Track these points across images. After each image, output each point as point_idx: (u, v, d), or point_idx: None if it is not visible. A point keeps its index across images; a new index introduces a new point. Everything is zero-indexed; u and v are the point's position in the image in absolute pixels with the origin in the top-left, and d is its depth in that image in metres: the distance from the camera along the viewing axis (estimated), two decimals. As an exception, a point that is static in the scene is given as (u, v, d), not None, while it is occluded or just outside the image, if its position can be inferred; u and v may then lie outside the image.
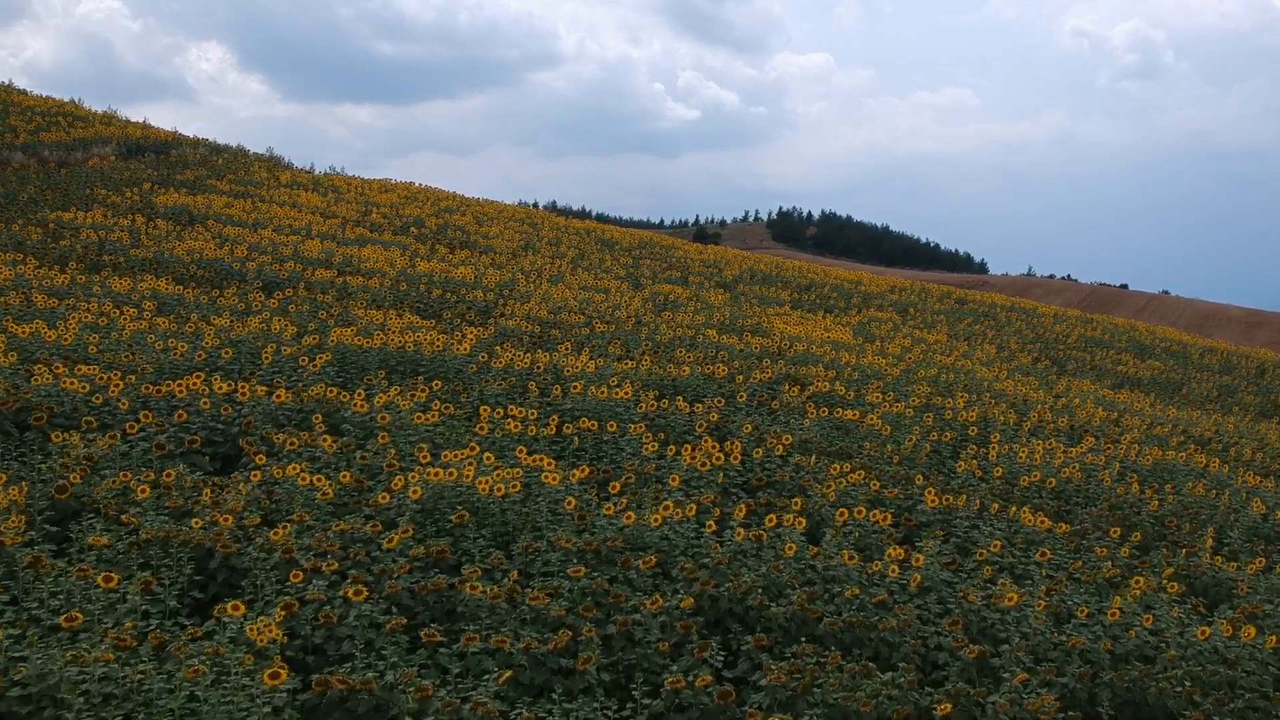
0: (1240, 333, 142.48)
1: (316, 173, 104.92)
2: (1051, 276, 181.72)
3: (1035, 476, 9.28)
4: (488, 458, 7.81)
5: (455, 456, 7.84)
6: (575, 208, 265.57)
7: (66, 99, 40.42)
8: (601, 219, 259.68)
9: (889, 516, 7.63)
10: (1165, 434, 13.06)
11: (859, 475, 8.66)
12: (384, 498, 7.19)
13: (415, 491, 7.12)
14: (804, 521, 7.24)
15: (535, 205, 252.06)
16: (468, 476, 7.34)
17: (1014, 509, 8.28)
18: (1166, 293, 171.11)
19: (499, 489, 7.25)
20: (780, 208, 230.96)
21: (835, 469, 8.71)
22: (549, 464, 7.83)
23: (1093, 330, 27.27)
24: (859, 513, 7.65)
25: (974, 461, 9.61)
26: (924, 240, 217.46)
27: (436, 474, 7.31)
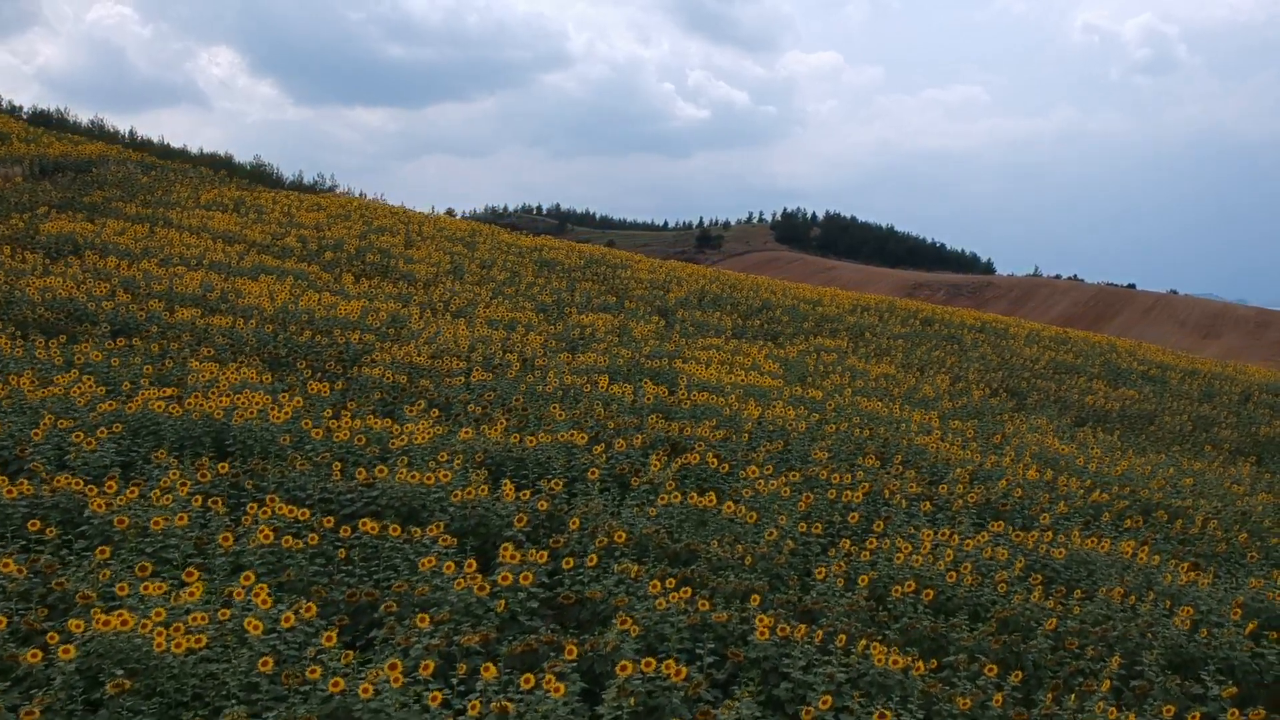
0: (1249, 333, 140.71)
1: (305, 181, 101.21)
2: (1058, 276, 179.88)
3: (910, 586, 7.65)
4: (192, 591, 6.24)
5: (156, 589, 6.27)
6: (579, 210, 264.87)
7: (53, 108, 38.76)
8: (605, 222, 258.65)
9: (684, 671, 6.01)
10: (1107, 500, 11.41)
11: (684, 593, 7.05)
12: (34, 655, 5.64)
13: (67, 650, 5.55)
14: (562, 688, 5.64)
15: (539, 209, 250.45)
16: (148, 625, 5.79)
17: (864, 642, 6.65)
18: (1174, 292, 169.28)
19: (178, 643, 5.68)
20: (785, 208, 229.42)
21: (655, 585, 7.11)
22: (263, 600, 6.24)
23: (1066, 354, 25.46)
24: (647, 665, 6.04)
25: (842, 564, 7.99)
26: (930, 240, 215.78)
27: (107, 621, 5.75)
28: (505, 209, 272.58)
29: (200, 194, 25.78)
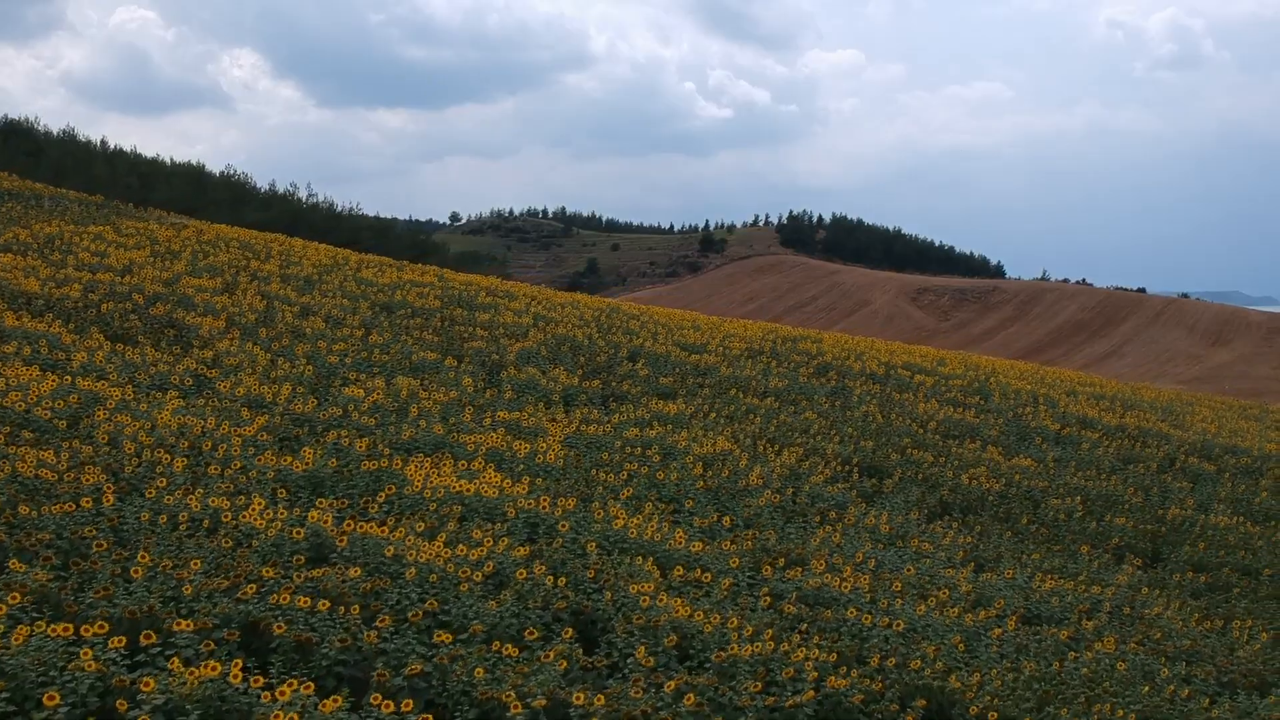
0: (1261, 339, 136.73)
1: (279, 190, 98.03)
2: (1066, 280, 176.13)
3: None
4: None
5: None
6: (585, 214, 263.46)
7: (22, 118, 36.45)
8: (611, 225, 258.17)
9: None
10: (845, 685, 8.57)
11: None
12: None
13: None
14: None
15: (544, 213, 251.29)
16: None
17: None
18: (1185, 295, 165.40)
19: None
20: (790, 211, 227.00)
21: None
22: None
23: (965, 411, 22.26)
24: None
25: None
26: (938, 243, 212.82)
27: None
28: (511, 213, 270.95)
29: (3, 232, 23.15)
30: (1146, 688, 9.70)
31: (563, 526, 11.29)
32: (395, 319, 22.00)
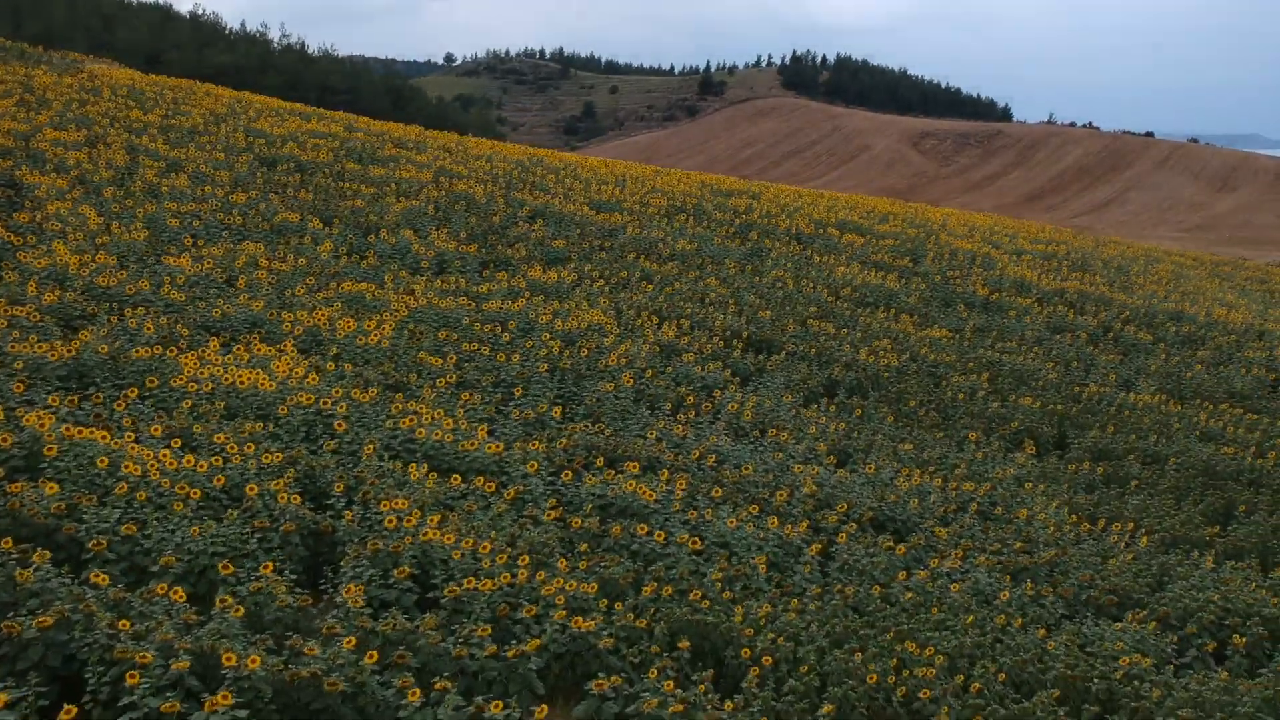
0: (1267, 185, 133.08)
1: (249, 30, 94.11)
2: (1072, 124, 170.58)
3: None
4: None
5: None
6: (584, 55, 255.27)
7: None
8: (611, 67, 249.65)
9: None
10: (593, 627, 7.34)
11: None
12: None
13: None
14: None
15: (541, 53, 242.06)
16: None
17: None
18: (1195, 140, 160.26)
19: None
20: (793, 51, 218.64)
21: None
22: None
23: (888, 276, 20.36)
24: None
25: None
26: (945, 85, 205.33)
27: None
28: (507, 53, 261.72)
29: None
30: (971, 618, 8.45)
31: (339, 426, 9.92)
32: (274, 175, 20.21)
